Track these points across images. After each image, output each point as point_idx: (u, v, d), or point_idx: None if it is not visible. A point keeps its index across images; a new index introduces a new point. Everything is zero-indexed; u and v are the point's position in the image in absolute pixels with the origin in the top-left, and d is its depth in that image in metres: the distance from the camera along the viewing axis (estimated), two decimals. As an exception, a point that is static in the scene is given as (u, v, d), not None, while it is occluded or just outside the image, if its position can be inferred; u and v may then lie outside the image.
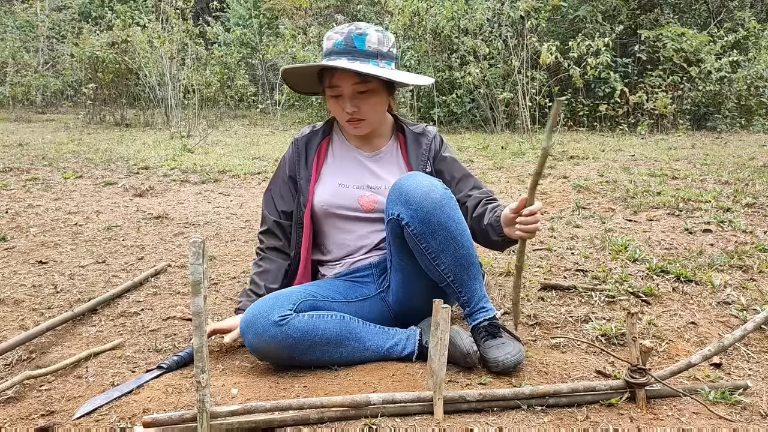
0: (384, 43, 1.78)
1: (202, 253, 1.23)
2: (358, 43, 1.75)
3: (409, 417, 1.40)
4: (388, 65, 1.80)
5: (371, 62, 1.76)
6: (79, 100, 10.89)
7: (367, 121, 1.82)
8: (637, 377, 1.43)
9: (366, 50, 1.75)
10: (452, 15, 8.50)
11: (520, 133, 7.63)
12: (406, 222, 1.63)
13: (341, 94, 1.78)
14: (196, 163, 5.42)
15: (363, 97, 1.78)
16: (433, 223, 1.61)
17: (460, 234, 1.64)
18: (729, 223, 3.06)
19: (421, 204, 1.60)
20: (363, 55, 1.75)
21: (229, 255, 2.79)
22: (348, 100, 1.78)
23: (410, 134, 1.95)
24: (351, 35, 1.75)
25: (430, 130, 1.97)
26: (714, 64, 8.14)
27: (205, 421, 1.29)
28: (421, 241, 1.63)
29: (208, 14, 13.34)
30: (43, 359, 1.76)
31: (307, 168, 1.93)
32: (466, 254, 1.66)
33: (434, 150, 1.94)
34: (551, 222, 3.29)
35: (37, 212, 3.55)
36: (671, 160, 5.27)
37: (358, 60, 1.74)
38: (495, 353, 1.60)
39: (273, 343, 1.60)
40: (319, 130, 1.98)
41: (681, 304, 2.10)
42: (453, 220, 1.63)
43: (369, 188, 1.88)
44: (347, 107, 1.78)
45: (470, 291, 1.69)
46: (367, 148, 1.94)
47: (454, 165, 1.95)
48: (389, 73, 1.77)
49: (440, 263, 1.65)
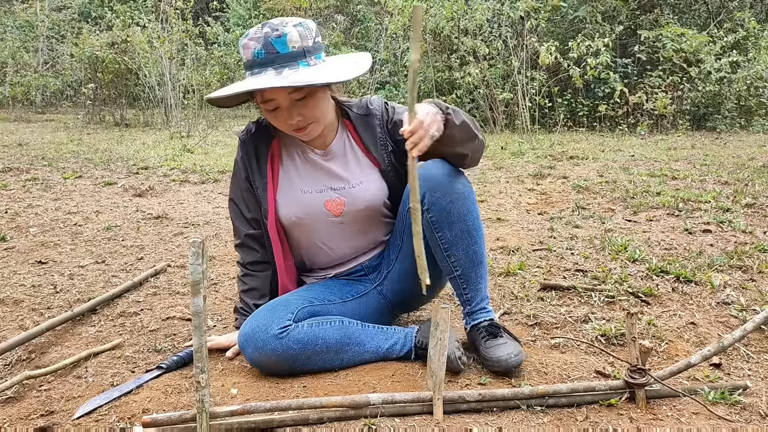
0: (307, 37, 1.57)
1: (201, 253, 1.23)
2: (280, 46, 1.54)
3: (408, 417, 1.40)
4: (318, 59, 1.60)
5: (300, 64, 1.56)
6: (78, 100, 10.89)
7: (315, 123, 1.64)
8: (636, 377, 1.43)
9: (290, 52, 1.54)
10: (452, 15, 8.50)
11: (520, 133, 7.63)
12: (426, 208, 1.61)
13: (278, 107, 1.60)
14: (196, 163, 5.42)
15: (302, 103, 1.59)
16: (453, 214, 1.61)
17: (476, 230, 1.65)
18: (728, 224, 3.06)
19: (445, 193, 1.59)
20: (289, 59, 1.54)
21: (228, 255, 2.79)
22: (287, 111, 1.59)
23: (357, 119, 1.77)
24: (269, 40, 1.53)
25: (374, 107, 1.77)
26: (714, 65, 8.14)
27: (205, 421, 1.29)
28: (437, 230, 1.64)
29: (207, 14, 13.34)
30: (43, 359, 1.76)
31: (261, 175, 1.76)
32: (478, 251, 1.67)
33: (387, 124, 1.76)
34: (551, 222, 3.29)
35: (36, 212, 3.55)
36: (671, 161, 5.27)
37: (285, 67, 1.54)
38: (497, 353, 1.60)
39: (274, 356, 1.58)
40: (265, 127, 1.78)
41: (680, 304, 2.10)
42: (472, 214, 1.64)
43: (332, 190, 1.74)
44: (289, 119, 1.61)
45: (475, 289, 1.70)
46: (318, 145, 1.77)
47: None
48: (325, 74, 1.57)
49: (452, 255, 1.66)
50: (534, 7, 8.08)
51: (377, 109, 1.77)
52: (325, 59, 1.64)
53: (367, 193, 1.75)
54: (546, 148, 6.33)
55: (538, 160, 5.51)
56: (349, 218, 1.76)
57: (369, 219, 1.79)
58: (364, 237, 1.83)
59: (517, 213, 3.59)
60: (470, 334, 1.73)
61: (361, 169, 1.76)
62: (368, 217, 1.78)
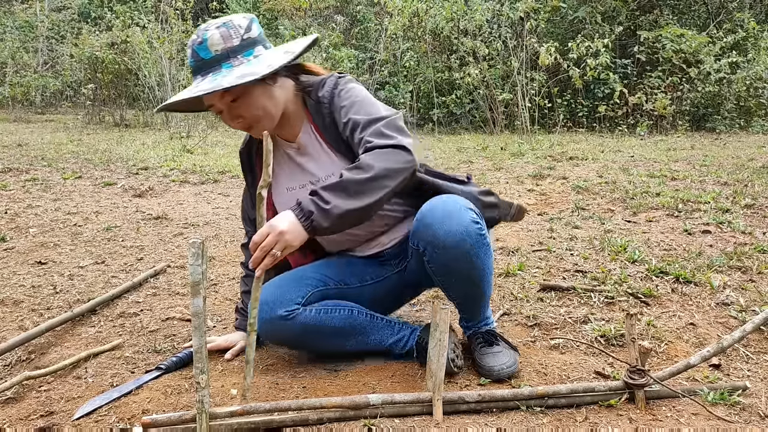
0: (231, 37, 1.51)
1: (201, 254, 1.23)
2: (203, 53, 1.50)
3: (408, 418, 1.41)
4: (247, 56, 1.53)
5: (224, 67, 1.50)
6: (78, 101, 10.89)
7: (261, 122, 1.58)
8: (636, 378, 1.43)
9: (213, 56, 1.50)
10: (452, 16, 8.51)
11: (520, 133, 7.63)
12: (427, 259, 1.54)
13: (221, 110, 1.57)
14: (196, 163, 5.42)
15: (238, 104, 1.55)
16: (454, 271, 1.55)
17: (480, 278, 1.58)
18: (728, 224, 3.06)
19: (447, 251, 1.49)
20: (213, 63, 1.50)
21: (228, 256, 2.79)
22: (227, 113, 1.57)
23: (312, 108, 1.68)
24: (194, 48, 1.51)
25: (323, 94, 1.65)
26: (713, 65, 8.15)
27: (204, 421, 1.29)
28: (436, 274, 1.58)
29: (207, 15, 13.33)
30: (43, 360, 1.76)
31: (255, 180, 1.77)
32: (479, 292, 1.63)
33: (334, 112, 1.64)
34: (550, 223, 3.29)
35: (36, 213, 3.55)
36: (670, 161, 5.27)
37: (210, 73, 1.50)
38: (490, 362, 1.61)
39: (278, 333, 1.62)
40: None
41: (680, 305, 2.10)
42: (476, 268, 1.54)
43: (311, 184, 1.67)
44: (230, 120, 1.58)
45: (472, 312, 1.71)
46: (288, 137, 1.71)
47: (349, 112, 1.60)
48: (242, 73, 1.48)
49: (449, 291, 1.65)
50: (534, 8, 8.09)
51: (326, 96, 1.65)
52: (261, 53, 1.55)
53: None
54: (546, 149, 6.33)
55: (538, 161, 5.51)
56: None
57: None
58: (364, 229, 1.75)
59: (517, 213, 3.58)
60: (468, 338, 1.74)
61: (330, 159, 1.67)
62: None
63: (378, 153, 1.46)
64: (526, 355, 1.75)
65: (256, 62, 1.52)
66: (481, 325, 1.71)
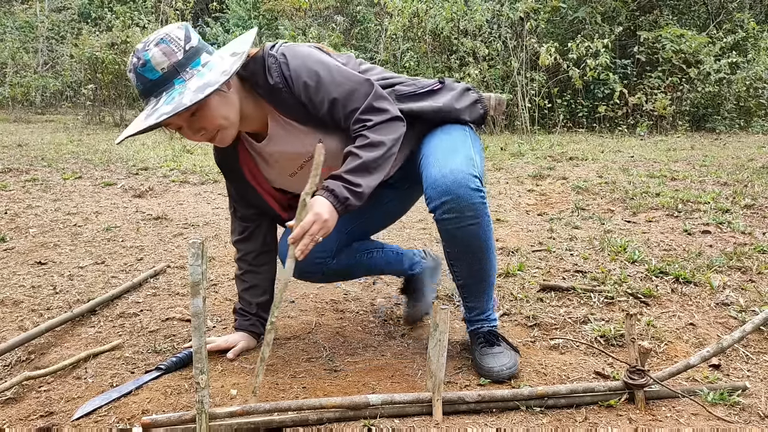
0: (174, 51, 1.44)
1: (201, 254, 1.23)
2: (149, 74, 1.43)
3: (408, 418, 1.41)
4: (195, 67, 1.46)
5: (176, 83, 1.43)
6: (78, 101, 10.90)
7: (222, 129, 1.53)
8: (635, 378, 1.43)
9: (162, 75, 1.43)
10: (452, 16, 8.51)
11: (520, 134, 7.63)
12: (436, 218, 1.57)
13: (180, 127, 1.51)
14: (196, 163, 5.42)
15: (197, 117, 1.49)
16: (458, 239, 1.58)
17: (482, 251, 1.61)
18: (728, 225, 3.06)
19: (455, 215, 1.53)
20: (163, 82, 1.43)
21: (228, 256, 2.79)
22: (188, 129, 1.51)
23: (268, 95, 1.59)
24: (137, 71, 1.44)
25: (275, 79, 1.55)
26: (713, 66, 8.15)
27: (204, 422, 1.29)
28: (444, 240, 1.63)
29: (207, 15, 13.34)
30: (42, 360, 1.76)
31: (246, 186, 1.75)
32: (483, 269, 1.65)
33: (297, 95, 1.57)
34: (550, 223, 3.29)
35: (36, 213, 3.55)
36: (670, 161, 5.27)
37: (163, 92, 1.44)
38: (490, 362, 1.61)
39: (313, 276, 1.85)
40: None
41: (680, 305, 2.10)
42: (478, 239, 1.58)
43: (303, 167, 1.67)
44: (193, 135, 1.52)
45: (476, 300, 1.71)
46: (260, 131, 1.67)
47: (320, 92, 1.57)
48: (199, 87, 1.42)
49: (455, 266, 1.67)
50: (533, 8, 8.09)
51: (279, 83, 1.56)
52: (208, 60, 1.48)
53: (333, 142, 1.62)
54: (545, 149, 6.33)
55: (538, 161, 5.51)
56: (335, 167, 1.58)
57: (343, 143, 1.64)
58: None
59: (517, 214, 3.59)
60: (470, 337, 1.74)
61: (309, 132, 1.63)
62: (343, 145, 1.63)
63: (381, 128, 1.55)
64: (526, 355, 1.75)
65: (207, 71, 1.46)
66: (483, 323, 1.71)
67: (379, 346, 1.84)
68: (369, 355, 1.78)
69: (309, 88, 1.55)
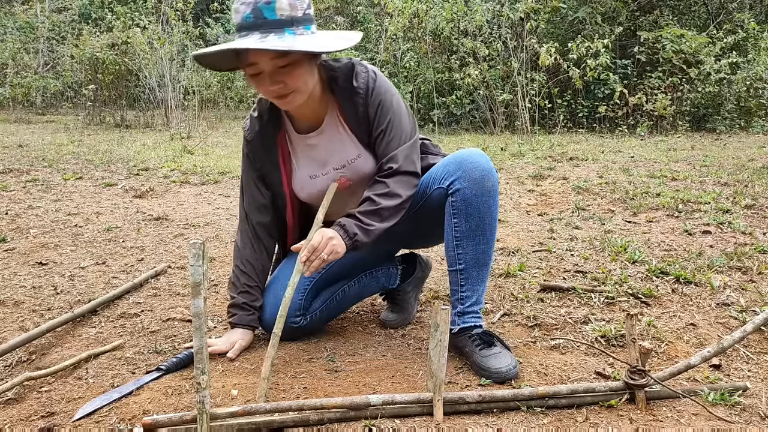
0: (297, 7, 1.55)
1: (202, 255, 1.23)
2: (268, 13, 1.52)
3: (408, 418, 1.41)
4: (307, 30, 1.58)
5: (287, 32, 1.54)
6: (79, 102, 10.90)
7: (296, 92, 1.62)
8: (636, 378, 1.43)
9: (278, 19, 1.53)
10: (452, 16, 8.51)
11: (520, 134, 7.63)
12: (452, 191, 1.67)
13: (261, 72, 1.59)
14: (196, 164, 5.43)
15: (285, 71, 1.58)
16: (473, 207, 1.66)
17: (490, 230, 1.70)
18: (728, 225, 3.06)
19: (473, 185, 1.65)
20: (276, 25, 1.53)
21: (229, 256, 2.79)
22: (269, 77, 1.59)
23: (341, 94, 1.73)
24: (258, 5, 1.52)
25: (359, 84, 1.70)
26: (713, 66, 8.14)
27: (205, 422, 1.29)
28: (454, 216, 1.68)
29: (208, 15, 13.34)
30: (43, 360, 1.76)
31: (274, 169, 1.82)
32: (486, 252, 1.71)
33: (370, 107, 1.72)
34: (551, 223, 3.29)
35: (37, 213, 3.55)
36: (671, 162, 5.27)
37: (271, 32, 1.53)
38: (496, 363, 1.60)
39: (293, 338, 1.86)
40: (266, 122, 1.80)
41: (680, 305, 2.10)
42: (491, 214, 1.69)
43: (335, 170, 1.78)
44: (270, 86, 1.60)
45: (472, 289, 1.71)
46: (312, 125, 1.78)
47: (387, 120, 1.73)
48: (309, 43, 1.56)
49: (460, 247, 1.70)
50: (534, 9, 8.09)
51: (362, 87, 1.71)
52: (315, 32, 1.61)
53: (366, 165, 1.79)
54: (546, 149, 6.33)
55: (538, 161, 5.51)
56: (356, 187, 1.81)
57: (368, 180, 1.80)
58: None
59: (517, 214, 3.59)
60: (459, 337, 1.71)
61: (353, 144, 1.78)
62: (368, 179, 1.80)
63: (401, 180, 1.71)
64: (526, 355, 1.75)
65: (315, 38, 1.59)
66: (475, 319, 1.71)
67: (379, 347, 1.84)
68: (370, 355, 1.78)
69: (382, 105, 1.72)
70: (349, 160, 1.77)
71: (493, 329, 1.92)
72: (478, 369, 1.63)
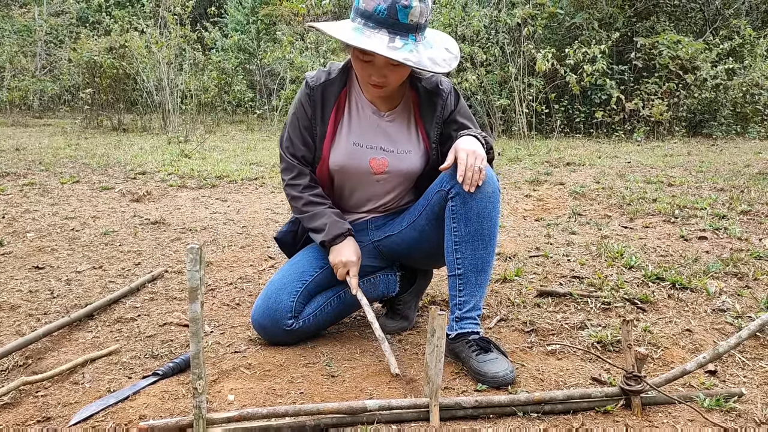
0: (424, 14, 1.66)
1: (199, 259, 1.23)
2: (402, 16, 1.62)
3: (405, 423, 1.41)
4: (422, 34, 1.70)
5: (411, 37, 1.65)
6: (76, 105, 10.90)
7: (390, 87, 1.76)
8: (632, 384, 1.43)
9: (408, 23, 1.63)
10: (449, 22, 8.53)
11: (517, 139, 7.65)
12: (452, 195, 1.69)
13: (371, 62, 1.69)
14: (194, 168, 5.42)
15: (393, 69, 1.70)
16: (472, 212, 1.68)
17: (489, 236, 1.70)
18: (724, 230, 3.07)
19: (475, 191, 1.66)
20: (404, 29, 1.64)
21: (226, 261, 2.79)
22: (378, 69, 1.70)
23: (423, 92, 1.86)
24: (396, 6, 1.61)
25: (444, 88, 1.86)
26: (710, 72, 8.18)
27: (202, 427, 1.29)
28: (454, 220, 1.70)
29: (206, 20, 13.35)
30: (40, 365, 1.76)
31: (323, 123, 1.85)
32: (485, 258, 1.71)
33: (448, 111, 1.87)
34: (547, 228, 3.30)
35: (33, 217, 3.54)
36: (667, 167, 5.29)
37: (398, 35, 1.63)
38: (493, 368, 1.60)
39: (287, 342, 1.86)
40: (336, 78, 1.85)
41: (676, 311, 2.11)
42: (490, 219, 1.69)
43: (382, 150, 1.85)
44: (375, 76, 1.71)
45: (470, 294, 1.71)
46: (383, 106, 1.88)
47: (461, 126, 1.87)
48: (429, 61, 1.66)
49: (459, 251, 1.70)
50: (531, 14, 8.12)
51: (445, 92, 1.86)
52: (426, 36, 1.72)
53: (411, 162, 1.87)
54: (543, 155, 6.35)
55: (535, 167, 5.52)
56: (387, 179, 1.87)
57: (401, 184, 1.91)
58: (389, 197, 1.94)
59: (514, 219, 3.60)
60: (456, 342, 1.71)
61: (412, 139, 1.87)
62: (401, 183, 1.91)
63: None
64: (522, 360, 1.75)
65: (428, 46, 1.70)
66: (472, 325, 1.71)
67: (376, 352, 1.84)
68: (366, 360, 1.78)
69: (459, 108, 1.88)
70: (400, 149, 1.85)
71: (489, 334, 1.93)
72: (474, 374, 1.64)
